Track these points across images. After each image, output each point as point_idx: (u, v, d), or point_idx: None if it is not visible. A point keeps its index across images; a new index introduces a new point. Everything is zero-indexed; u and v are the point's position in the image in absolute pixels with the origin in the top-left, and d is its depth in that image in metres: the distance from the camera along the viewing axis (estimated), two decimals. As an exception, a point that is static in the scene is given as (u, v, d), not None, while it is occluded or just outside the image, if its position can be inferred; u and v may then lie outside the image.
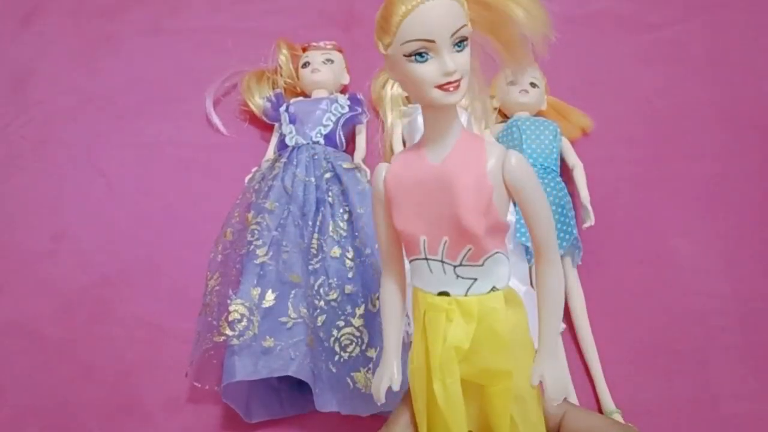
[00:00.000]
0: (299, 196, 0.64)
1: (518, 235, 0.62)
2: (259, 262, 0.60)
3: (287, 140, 0.70)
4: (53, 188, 0.77)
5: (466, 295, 0.39)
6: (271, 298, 0.59)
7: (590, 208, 0.65)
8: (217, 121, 0.78)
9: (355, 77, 0.78)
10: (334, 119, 0.71)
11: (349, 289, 0.60)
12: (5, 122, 0.82)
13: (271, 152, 0.74)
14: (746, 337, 0.64)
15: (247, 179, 0.71)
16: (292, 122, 0.71)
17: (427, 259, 0.39)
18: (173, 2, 0.89)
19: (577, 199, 0.67)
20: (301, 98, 0.76)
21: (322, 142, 0.70)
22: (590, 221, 0.64)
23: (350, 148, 0.74)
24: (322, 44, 0.78)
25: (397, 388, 0.42)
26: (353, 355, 0.58)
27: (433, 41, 0.35)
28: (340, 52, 0.78)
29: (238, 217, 0.66)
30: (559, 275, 0.39)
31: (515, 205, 0.39)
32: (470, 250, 0.38)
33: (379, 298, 0.59)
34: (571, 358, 0.63)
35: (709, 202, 0.72)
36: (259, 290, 0.59)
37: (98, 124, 0.81)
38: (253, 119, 0.78)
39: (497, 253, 0.38)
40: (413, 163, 0.40)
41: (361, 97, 0.75)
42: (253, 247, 0.61)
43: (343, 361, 0.58)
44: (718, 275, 0.68)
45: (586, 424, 0.39)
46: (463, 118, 0.56)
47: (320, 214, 0.64)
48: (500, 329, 0.38)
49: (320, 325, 0.59)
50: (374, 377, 0.43)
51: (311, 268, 0.61)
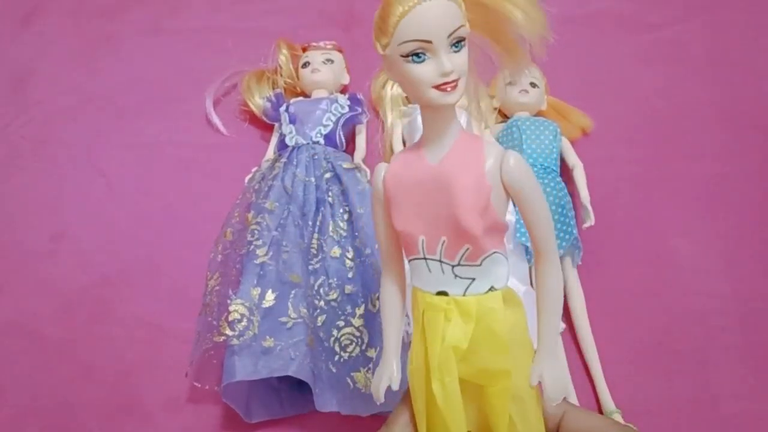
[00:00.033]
0: (299, 196, 0.64)
1: (518, 235, 0.62)
2: (259, 262, 0.60)
3: (287, 140, 0.70)
4: (53, 188, 0.77)
5: (464, 294, 0.39)
6: (271, 298, 0.59)
7: (590, 208, 0.65)
8: (217, 121, 0.78)
9: (355, 77, 0.78)
10: (334, 119, 0.71)
11: (349, 289, 0.60)
12: (5, 122, 0.82)
13: (271, 152, 0.74)
14: (746, 337, 0.64)
15: (247, 179, 0.71)
16: (292, 122, 0.71)
17: (425, 258, 0.39)
18: (173, 2, 0.89)
19: (577, 199, 0.67)
20: (301, 98, 0.76)
21: (322, 142, 0.70)
22: (590, 221, 0.64)
23: (350, 148, 0.74)
24: (322, 44, 0.78)
25: (396, 387, 0.42)
26: (353, 355, 0.58)
27: (430, 42, 0.35)
28: (340, 52, 0.78)
29: (238, 217, 0.66)
30: (558, 275, 0.39)
31: (515, 205, 0.39)
32: (468, 249, 0.38)
33: (379, 298, 0.59)
34: (571, 358, 0.63)
35: (709, 202, 0.72)
36: (259, 290, 0.59)
37: (98, 124, 0.81)
38: (253, 119, 0.78)
39: (495, 253, 0.38)
40: (412, 163, 0.40)
41: (361, 97, 0.75)
42: (253, 247, 0.61)
43: (343, 361, 0.58)
44: (718, 275, 0.68)
45: (585, 424, 0.39)
46: (462, 118, 0.56)
47: (320, 214, 0.64)
48: (498, 329, 0.38)
49: (320, 325, 0.59)
50: (374, 377, 0.43)
51: (311, 268, 0.61)
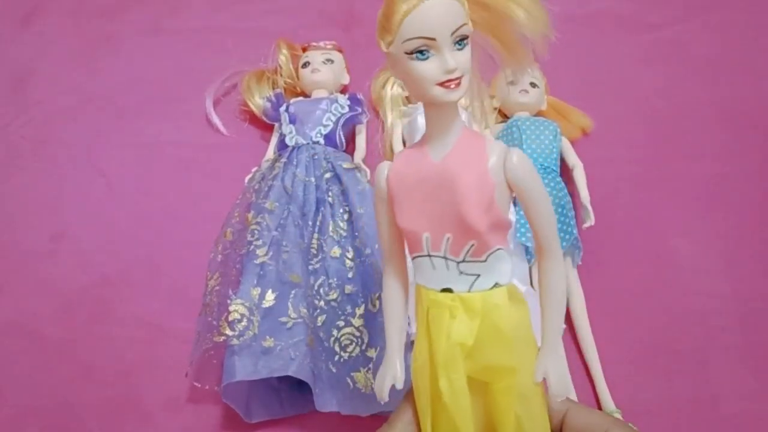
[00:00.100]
0: (299, 196, 0.64)
1: (518, 235, 0.62)
2: (259, 262, 0.60)
3: (287, 140, 0.70)
4: (53, 188, 0.77)
5: (469, 291, 0.39)
6: (271, 298, 0.59)
7: (590, 208, 0.65)
8: (217, 121, 0.78)
9: (355, 77, 0.78)
10: (334, 119, 0.71)
11: (349, 289, 0.60)
12: (5, 122, 0.82)
13: (271, 152, 0.74)
14: (746, 337, 0.64)
15: (247, 179, 0.71)
16: (292, 122, 0.71)
17: (430, 255, 0.39)
18: (173, 2, 0.89)
19: (577, 199, 0.67)
20: (301, 98, 0.76)
21: (322, 142, 0.70)
22: (590, 221, 0.64)
23: (350, 148, 0.74)
24: (322, 44, 0.78)
25: (400, 386, 0.41)
26: (353, 355, 0.58)
27: (434, 39, 0.35)
28: (340, 52, 0.78)
29: (238, 217, 0.66)
30: (561, 272, 0.39)
31: (515, 204, 0.39)
32: (473, 245, 0.38)
33: (379, 298, 0.59)
34: (571, 358, 0.63)
35: (709, 202, 0.72)
36: (259, 290, 0.59)
37: (98, 124, 0.81)
38: (253, 119, 0.78)
39: (500, 249, 0.38)
40: (415, 161, 0.40)
41: (361, 97, 0.75)
42: (253, 247, 0.61)
43: (343, 361, 0.58)
44: (718, 275, 0.68)
45: (588, 421, 0.39)
46: (462, 117, 0.56)
47: (320, 214, 0.64)
48: (504, 325, 0.38)
49: (320, 325, 0.59)
50: (377, 376, 0.43)
51: (311, 268, 0.61)
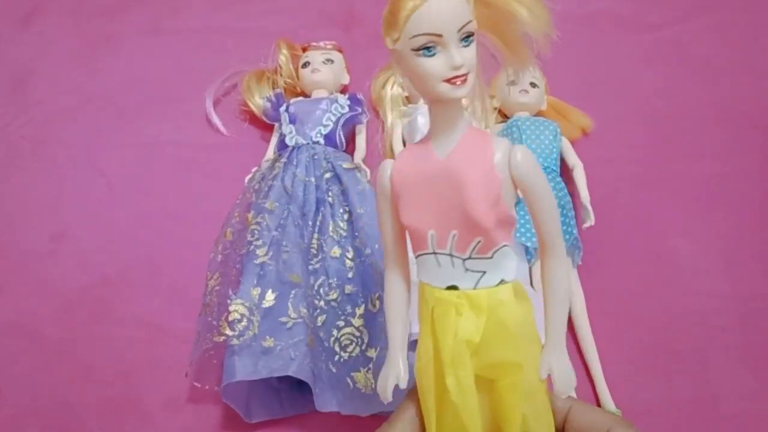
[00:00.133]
0: (299, 196, 0.64)
1: (518, 235, 0.62)
2: (259, 262, 0.60)
3: (287, 140, 0.70)
4: (53, 188, 0.77)
5: (475, 288, 0.38)
6: (271, 298, 0.59)
7: (590, 208, 0.65)
8: (217, 121, 0.78)
9: (355, 77, 0.78)
10: (334, 119, 0.71)
11: (349, 289, 0.60)
12: (5, 122, 0.82)
13: (271, 152, 0.74)
14: (746, 337, 0.64)
15: (247, 179, 0.71)
16: (292, 122, 0.71)
17: (435, 253, 0.39)
18: (173, 2, 0.89)
19: (577, 199, 0.67)
20: (301, 98, 0.76)
21: (322, 142, 0.70)
22: (590, 221, 0.64)
23: (350, 148, 0.74)
24: (322, 44, 0.78)
25: (404, 386, 0.41)
26: (353, 355, 0.58)
27: (440, 35, 0.35)
28: (340, 52, 0.78)
29: (238, 217, 0.66)
30: (565, 268, 0.39)
31: (516, 204, 0.39)
32: (480, 242, 0.38)
33: (379, 298, 0.59)
34: (571, 358, 0.61)
35: (709, 202, 0.72)
36: (259, 290, 0.59)
37: (98, 124, 0.81)
38: (253, 119, 0.78)
39: (505, 246, 0.38)
40: (420, 158, 0.39)
41: (361, 97, 0.75)
42: (253, 247, 0.61)
43: (343, 361, 0.58)
44: (718, 275, 0.68)
45: (591, 419, 0.38)
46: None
47: (320, 214, 0.64)
48: (510, 322, 0.38)
49: (320, 325, 0.59)
50: (380, 376, 0.42)
51: (311, 268, 0.61)
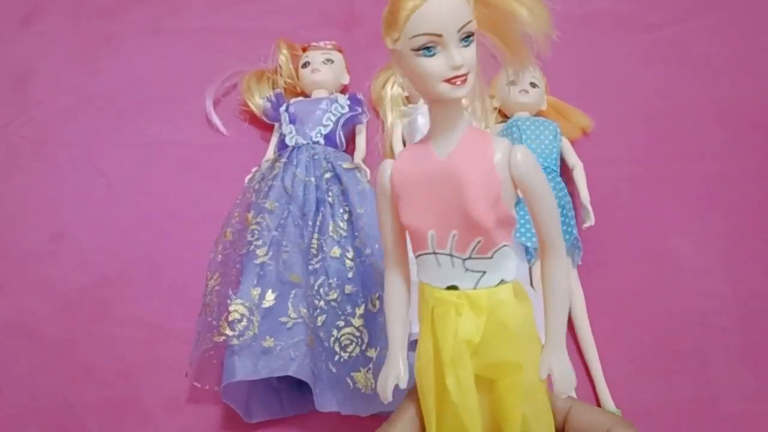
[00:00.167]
0: (299, 196, 0.64)
1: (518, 235, 0.62)
2: (259, 262, 0.60)
3: (287, 140, 0.70)
4: (53, 188, 0.77)
5: (475, 288, 0.38)
6: (271, 298, 0.59)
7: (590, 208, 0.65)
8: (217, 121, 0.78)
9: (355, 77, 0.78)
10: (334, 119, 0.71)
11: (349, 289, 0.60)
12: (5, 122, 0.82)
13: (271, 152, 0.74)
14: (746, 337, 0.64)
15: (247, 179, 0.71)
16: (292, 122, 0.71)
17: (435, 253, 0.39)
18: (173, 2, 0.89)
19: (577, 199, 0.67)
20: (301, 98, 0.76)
21: (322, 142, 0.70)
22: (590, 221, 0.64)
23: (350, 148, 0.74)
24: (322, 44, 0.78)
25: (404, 386, 0.41)
26: (353, 355, 0.58)
27: (440, 35, 0.35)
28: (340, 52, 0.78)
29: (238, 217, 0.66)
30: (565, 268, 0.39)
31: (516, 204, 0.39)
32: (480, 242, 0.38)
33: (379, 297, 0.59)
34: (571, 358, 0.62)
35: (709, 202, 0.72)
36: (259, 290, 0.59)
37: (98, 124, 0.81)
38: (253, 119, 0.78)
39: (505, 246, 0.38)
40: (420, 158, 0.39)
41: (361, 97, 0.75)
42: (253, 247, 0.61)
43: (343, 361, 0.58)
44: (718, 275, 0.68)
45: (591, 419, 0.38)
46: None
47: (320, 214, 0.64)
48: (510, 321, 0.38)
49: (320, 325, 0.59)
50: (380, 376, 0.42)
51: (311, 268, 0.61)
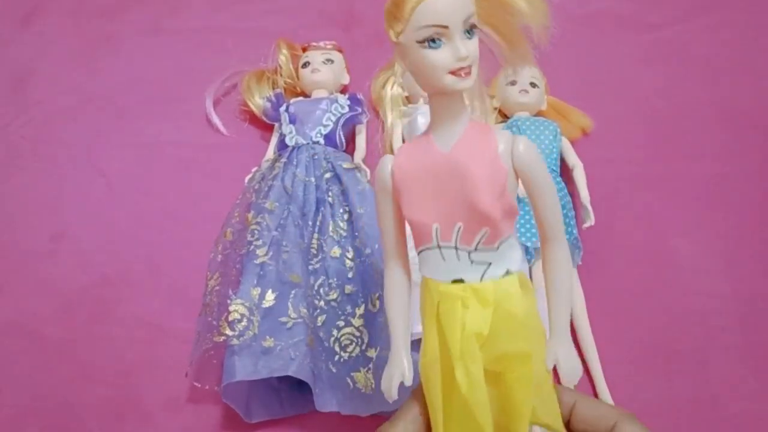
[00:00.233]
0: (299, 196, 0.64)
1: (518, 235, 0.62)
2: (259, 262, 0.60)
3: (287, 140, 0.70)
4: (53, 188, 0.77)
5: (481, 280, 0.38)
6: (271, 298, 0.59)
7: (590, 208, 0.65)
8: (217, 121, 0.78)
9: (355, 77, 0.78)
10: (334, 119, 0.71)
11: (349, 289, 0.60)
12: (5, 122, 0.82)
13: (271, 152, 0.74)
14: (746, 337, 0.64)
15: (247, 179, 0.71)
16: (292, 122, 0.71)
17: (439, 247, 0.39)
18: (173, 2, 0.89)
19: (577, 199, 0.67)
20: (301, 98, 0.76)
21: (322, 142, 0.70)
22: (590, 221, 0.64)
23: (350, 148, 0.74)
24: (322, 44, 0.78)
25: (409, 383, 0.40)
26: (353, 355, 0.58)
27: (446, 27, 0.35)
28: (340, 52, 0.78)
29: (238, 217, 0.66)
30: (567, 259, 0.39)
31: (519, 202, 0.39)
32: (486, 233, 0.37)
33: (379, 298, 0.59)
34: None
35: (709, 202, 0.72)
36: (259, 290, 0.59)
37: (98, 124, 0.81)
38: (253, 119, 0.78)
39: (511, 237, 0.38)
40: (421, 152, 0.39)
41: (361, 97, 0.75)
42: (253, 247, 0.61)
43: (343, 361, 0.58)
44: (718, 275, 0.68)
45: (597, 413, 0.38)
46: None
47: (320, 214, 0.64)
48: (517, 312, 0.38)
49: (320, 325, 0.59)
50: (384, 374, 0.41)
51: (311, 268, 0.61)
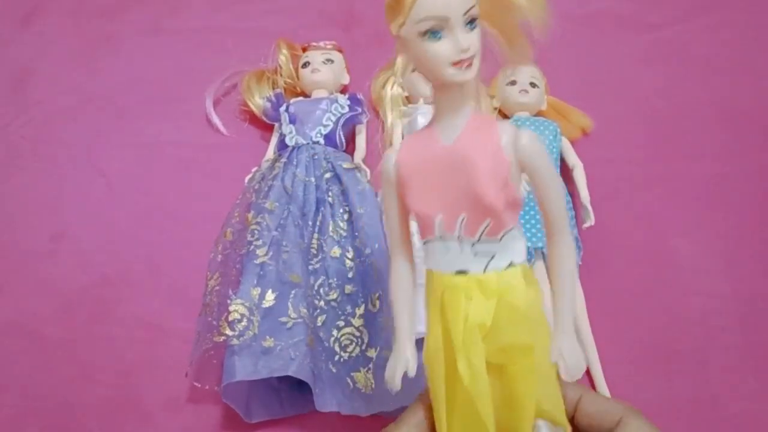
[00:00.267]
0: (299, 196, 0.64)
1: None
2: (259, 262, 0.60)
3: (287, 140, 0.70)
4: (53, 188, 0.77)
5: (484, 272, 0.38)
6: (271, 298, 0.59)
7: (590, 208, 0.65)
8: (217, 121, 0.78)
9: (355, 77, 0.78)
10: (334, 119, 0.71)
11: (349, 289, 0.60)
12: (5, 122, 0.82)
13: (271, 152, 0.74)
14: (746, 337, 0.64)
15: (247, 179, 0.71)
16: (292, 122, 0.71)
17: (443, 238, 0.39)
18: (173, 2, 0.89)
19: (577, 199, 0.67)
20: (301, 98, 0.76)
21: (322, 142, 0.70)
22: (590, 221, 0.64)
23: (350, 148, 0.74)
24: (322, 44, 0.78)
25: (413, 374, 0.40)
26: (353, 355, 0.58)
27: (448, 18, 0.35)
28: (340, 52, 0.78)
29: (238, 217, 0.66)
30: (572, 252, 0.39)
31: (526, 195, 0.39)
32: (489, 224, 0.37)
33: (379, 297, 0.59)
34: None
35: (709, 202, 0.72)
36: (259, 290, 0.59)
37: (98, 124, 0.81)
38: (253, 119, 0.78)
39: (514, 228, 0.38)
40: (424, 145, 0.39)
41: (361, 97, 0.75)
42: (253, 247, 0.61)
43: (343, 361, 0.58)
44: (718, 275, 0.68)
45: (602, 408, 0.38)
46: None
47: (320, 214, 0.64)
48: (520, 303, 0.37)
49: (320, 325, 0.59)
50: (387, 365, 0.41)
51: (311, 268, 0.61)
